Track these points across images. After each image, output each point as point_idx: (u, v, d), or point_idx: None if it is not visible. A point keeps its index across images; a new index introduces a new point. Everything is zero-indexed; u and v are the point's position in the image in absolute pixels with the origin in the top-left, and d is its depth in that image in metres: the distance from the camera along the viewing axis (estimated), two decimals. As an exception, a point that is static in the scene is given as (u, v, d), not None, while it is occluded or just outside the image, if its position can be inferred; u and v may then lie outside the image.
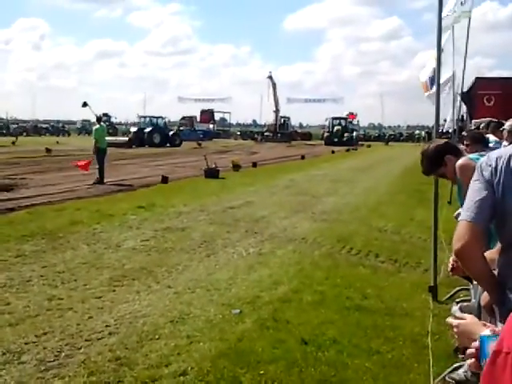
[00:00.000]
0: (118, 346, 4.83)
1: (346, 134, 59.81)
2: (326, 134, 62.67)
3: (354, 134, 62.71)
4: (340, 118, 64.30)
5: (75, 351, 4.73)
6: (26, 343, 4.86)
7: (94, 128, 18.50)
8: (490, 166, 2.52)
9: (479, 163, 2.62)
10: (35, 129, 74.70)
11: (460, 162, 4.33)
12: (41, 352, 4.69)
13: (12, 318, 5.43)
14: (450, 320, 2.10)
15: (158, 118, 50.70)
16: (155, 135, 47.44)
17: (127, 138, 46.09)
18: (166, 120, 53.84)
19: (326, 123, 65.23)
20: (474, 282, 4.98)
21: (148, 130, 47.35)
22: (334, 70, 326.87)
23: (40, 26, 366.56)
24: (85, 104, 20.82)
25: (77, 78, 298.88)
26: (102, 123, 19.23)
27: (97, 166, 17.51)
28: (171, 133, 49.98)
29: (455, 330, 2.01)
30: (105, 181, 17.40)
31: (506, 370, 1.51)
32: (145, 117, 52.31)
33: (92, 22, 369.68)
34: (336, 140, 57.85)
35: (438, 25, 6.55)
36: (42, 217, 10.93)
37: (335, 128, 61.18)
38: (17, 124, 75.32)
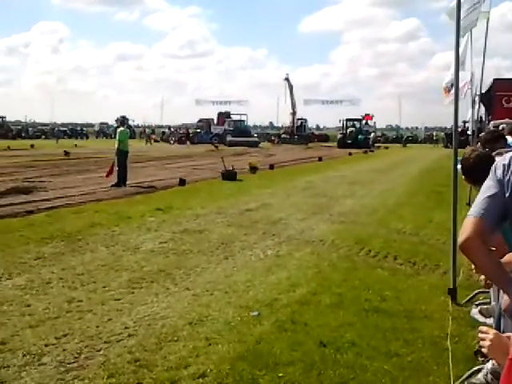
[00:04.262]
0: (137, 348, 4.85)
1: (360, 136, 57.09)
2: (339, 136, 60.52)
3: (372, 135, 61.66)
4: (354, 120, 61.46)
5: (95, 353, 4.76)
6: (46, 345, 4.89)
7: (119, 130, 18.65)
8: (504, 164, 2.53)
9: (495, 163, 2.63)
10: (54, 132, 75.21)
11: None
12: (61, 354, 4.72)
13: (32, 320, 5.48)
14: (483, 328, 2.10)
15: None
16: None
17: (257, 139, 61.98)
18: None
19: (340, 125, 63.11)
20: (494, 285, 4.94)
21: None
22: (351, 71, 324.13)
23: (59, 29, 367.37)
24: (122, 121, 21.11)
25: (95, 80, 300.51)
26: (125, 126, 19.47)
27: (116, 169, 17.66)
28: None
29: (488, 342, 2.00)
30: (127, 183, 17.53)
31: None
32: None
33: (110, 25, 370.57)
34: (350, 142, 55.08)
35: (457, 26, 6.51)
36: (61, 219, 11.02)
37: (349, 129, 58.54)
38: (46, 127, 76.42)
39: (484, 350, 2.05)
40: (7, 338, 4.99)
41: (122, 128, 18.76)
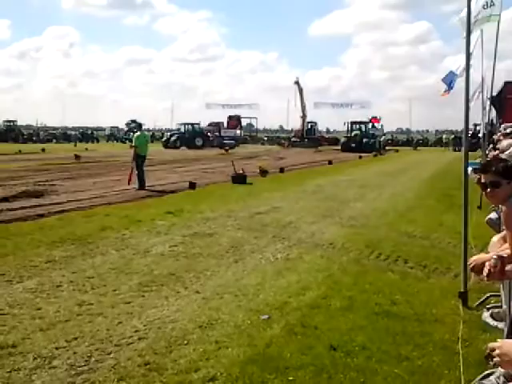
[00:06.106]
0: (148, 351, 4.86)
1: (365, 140, 54.54)
2: (342, 140, 58.83)
3: (382, 138, 60.86)
4: (360, 123, 59.56)
5: (105, 356, 4.77)
6: (56, 348, 4.91)
7: (136, 135, 18.51)
8: None
9: None
10: (65, 136, 75.69)
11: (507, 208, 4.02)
12: (71, 357, 4.73)
13: (43, 323, 5.50)
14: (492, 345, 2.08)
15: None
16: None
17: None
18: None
19: (345, 128, 60.79)
20: (505, 289, 4.91)
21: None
22: (362, 74, 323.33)
23: (70, 33, 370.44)
24: (140, 125, 21.41)
25: (106, 84, 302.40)
26: (143, 130, 19.45)
27: (136, 172, 17.77)
28: None
29: (498, 351, 1.98)
30: (134, 186, 17.59)
31: None
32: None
33: (121, 30, 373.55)
34: (354, 146, 52.81)
35: (467, 28, 6.49)
36: (72, 223, 11.08)
37: (353, 133, 56.74)
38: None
39: (496, 360, 2.03)
40: (18, 341, 5.02)
41: (138, 133, 18.65)
